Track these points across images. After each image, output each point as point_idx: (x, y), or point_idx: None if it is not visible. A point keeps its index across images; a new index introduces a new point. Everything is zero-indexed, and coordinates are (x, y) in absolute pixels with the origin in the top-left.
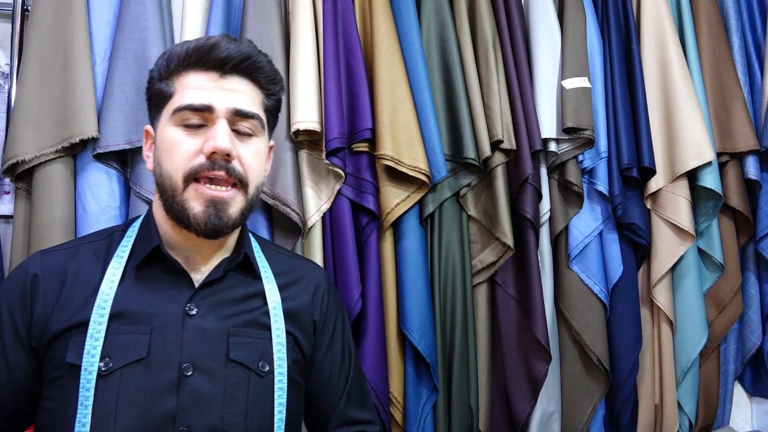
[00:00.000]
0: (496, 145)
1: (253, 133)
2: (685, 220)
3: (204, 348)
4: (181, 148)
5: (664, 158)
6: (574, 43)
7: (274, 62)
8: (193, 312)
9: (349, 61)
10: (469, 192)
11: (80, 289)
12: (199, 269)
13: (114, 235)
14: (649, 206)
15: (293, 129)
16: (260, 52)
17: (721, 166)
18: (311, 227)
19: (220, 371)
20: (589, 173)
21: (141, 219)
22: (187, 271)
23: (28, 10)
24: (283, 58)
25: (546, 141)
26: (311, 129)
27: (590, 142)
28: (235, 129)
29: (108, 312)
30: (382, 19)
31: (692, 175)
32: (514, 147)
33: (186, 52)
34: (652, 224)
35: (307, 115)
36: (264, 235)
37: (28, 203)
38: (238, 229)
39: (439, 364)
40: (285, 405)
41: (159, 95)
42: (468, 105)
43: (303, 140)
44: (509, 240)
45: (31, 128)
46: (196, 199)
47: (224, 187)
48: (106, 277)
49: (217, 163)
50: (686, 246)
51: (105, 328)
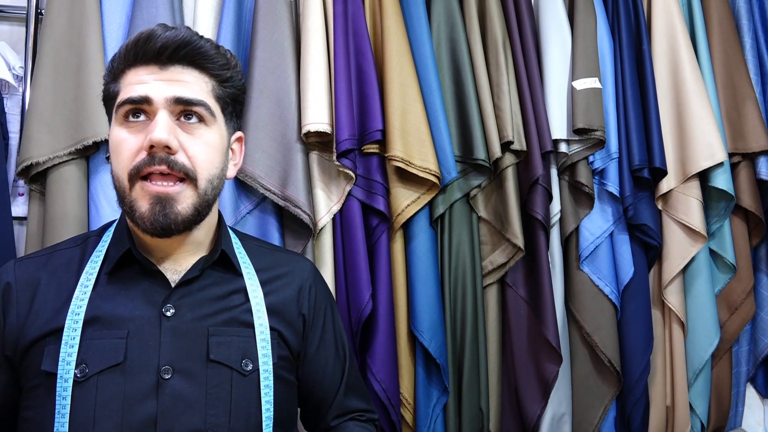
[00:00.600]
0: (506, 146)
1: (202, 122)
2: (696, 220)
3: (183, 349)
4: (125, 147)
5: (675, 159)
6: (584, 44)
7: (284, 65)
8: (170, 313)
9: (360, 62)
10: (480, 193)
11: (54, 296)
12: (174, 270)
13: (89, 240)
14: (660, 207)
15: (304, 131)
16: (202, 37)
17: (733, 167)
18: (322, 228)
19: (200, 373)
20: (600, 174)
21: (116, 223)
22: (164, 273)
23: (42, 14)
24: (293, 59)
25: (556, 142)
26: (322, 131)
27: (601, 143)
28: (181, 120)
29: (82, 318)
30: (392, 20)
31: (704, 176)
32: (525, 148)
33: (126, 48)
34: (664, 225)
35: (317, 117)
36: (275, 236)
37: (42, 205)
38: (212, 225)
39: (449, 365)
40: (272, 403)
41: (108, 98)
42: (478, 106)
43: (313, 142)
44: (520, 241)
45: (44, 130)
46: (142, 198)
47: (169, 183)
48: (80, 282)
49: (157, 156)
50: (698, 247)
51: (80, 335)
